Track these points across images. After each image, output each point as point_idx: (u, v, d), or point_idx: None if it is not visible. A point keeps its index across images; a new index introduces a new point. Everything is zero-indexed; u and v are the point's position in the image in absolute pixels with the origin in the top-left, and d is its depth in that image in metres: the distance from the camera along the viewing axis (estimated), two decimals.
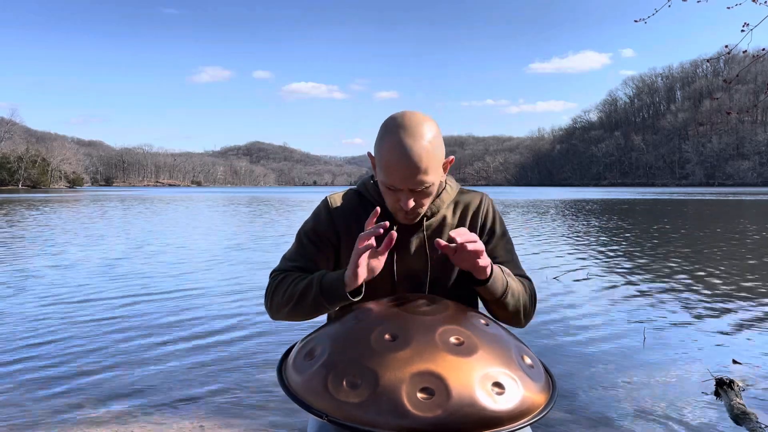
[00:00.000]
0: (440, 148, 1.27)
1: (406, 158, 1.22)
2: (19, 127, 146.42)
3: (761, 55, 5.77)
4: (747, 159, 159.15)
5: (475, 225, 1.43)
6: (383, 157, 1.25)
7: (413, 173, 1.23)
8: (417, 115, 1.26)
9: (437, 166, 1.27)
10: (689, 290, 6.33)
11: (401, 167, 1.23)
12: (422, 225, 1.39)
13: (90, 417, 2.86)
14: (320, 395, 0.99)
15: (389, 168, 1.25)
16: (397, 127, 1.24)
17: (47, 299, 5.80)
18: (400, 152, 1.22)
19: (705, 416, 2.87)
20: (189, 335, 4.41)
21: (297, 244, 1.44)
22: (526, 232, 14.14)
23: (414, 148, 1.21)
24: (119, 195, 55.28)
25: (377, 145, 1.28)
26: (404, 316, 1.11)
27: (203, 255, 9.56)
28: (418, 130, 1.23)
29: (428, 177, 1.25)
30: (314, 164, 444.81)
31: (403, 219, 1.35)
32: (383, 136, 1.26)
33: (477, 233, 1.41)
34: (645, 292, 6.22)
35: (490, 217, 1.45)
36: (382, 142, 1.26)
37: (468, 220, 1.43)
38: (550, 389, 1.08)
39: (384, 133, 1.26)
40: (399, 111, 1.30)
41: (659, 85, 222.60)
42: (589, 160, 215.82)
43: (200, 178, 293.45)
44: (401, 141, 1.22)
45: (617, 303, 5.67)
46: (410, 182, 1.25)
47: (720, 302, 5.67)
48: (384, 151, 1.25)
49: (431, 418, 0.92)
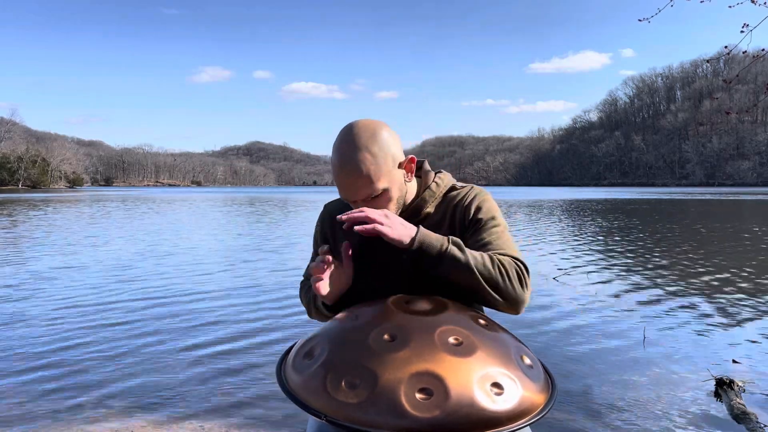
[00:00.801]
0: (386, 154, 1.24)
1: (346, 172, 1.22)
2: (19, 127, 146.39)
3: (762, 55, 5.77)
4: (747, 159, 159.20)
5: (460, 217, 1.36)
6: (332, 172, 1.27)
7: (356, 186, 1.22)
8: (358, 123, 1.25)
9: (387, 171, 1.24)
10: (689, 290, 6.33)
11: (344, 181, 1.23)
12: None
13: (90, 417, 2.86)
14: (319, 395, 0.99)
15: (336, 183, 1.26)
16: (338, 141, 1.24)
17: (48, 299, 5.80)
18: (338, 168, 1.23)
19: (705, 416, 2.87)
20: (189, 335, 4.41)
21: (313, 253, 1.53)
22: (527, 231, 14.14)
23: (352, 159, 1.21)
24: (121, 195, 55.37)
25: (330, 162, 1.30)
26: (403, 316, 1.11)
27: (204, 255, 9.57)
28: (355, 141, 1.21)
29: (375, 185, 1.23)
30: (314, 164, 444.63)
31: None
32: (331, 153, 1.27)
33: (462, 224, 1.35)
34: (645, 292, 6.22)
35: (474, 206, 1.36)
36: (330, 159, 1.28)
37: (455, 214, 1.37)
38: (549, 389, 1.08)
39: (332, 150, 1.27)
40: (350, 122, 1.29)
41: (659, 85, 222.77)
42: (589, 160, 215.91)
43: (200, 178, 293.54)
44: (341, 154, 1.22)
45: (617, 303, 5.67)
46: (356, 194, 1.24)
47: (720, 302, 5.67)
48: (331, 166, 1.26)
49: (430, 418, 0.92)
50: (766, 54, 5.91)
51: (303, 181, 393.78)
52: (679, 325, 4.74)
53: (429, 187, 1.39)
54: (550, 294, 6.07)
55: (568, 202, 37.65)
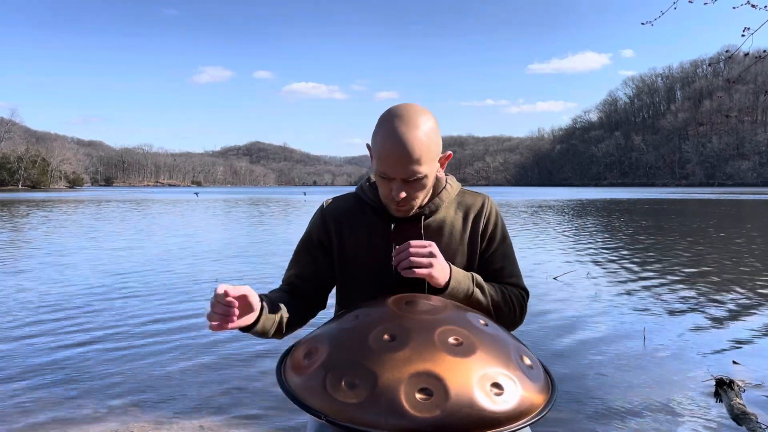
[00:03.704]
0: (436, 140, 1.26)
1: (399, 146, 1.21)
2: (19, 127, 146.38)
3: (763, 56, 5.76)
4: (747, 159, 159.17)
5: (477, 229, 1.41)
6: (377, 145, 1.26)
7: (405, 161, 1.22)
8: (414, 107, 1.26)
9: (432, 158, 1.26)
10: (690, 290, 6.33)
11: (393, 155, 1.22)
12: (419, 225, 1.38)
13: (90, 417, 2.86)
14: (319, 395, 0.99)
15: (382, 155, 1.24)
16: (393, 117, 1.24)
17: (48, 299, 5.80)
18: (393, 140, 1.22)
19: (705, 416, 2.87)
20: (188, 335, 4.41)
21: (294, 252, 1.49)
22: (527, 231, 14.14)
23: (407, 136, 1.21)
24: (124, 197, 55.31)
25: (373, 135, 1.28)
26: (403, 316, 1.11)
27: (204, 254, 9.56)
28: (413, 120, 1.22)
29: (421, 167, 1.24)
30: (314, 164, 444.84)
31: (395, 211, 1.34)
32: (379, 125, 1.26)
33: (477, 237, 1.41)
34: (645, 292, 6.22)
35: (492, 221, 1.43)
36: (377, 131, 1.26)
37: (470, 222, 1.41)
38: (549, 390, 1.08)
39: (380, 122, 1.26)
40: (398, 104, 1.29)
41: (659, 85, 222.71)
42: (589, 160, 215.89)
43: (200, 178, 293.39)
44: (395, 129, 1.22)
45: (617, 303, 5.67)
46: (402, 171, 1.24)
47: (721, 302, 5.67)
48: (378, 139, 1.25)
49: (430, 418, 0.92)
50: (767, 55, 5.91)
51: (303, 181, 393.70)
52: (679, 326, 4.74)
53: (445, 188, 1.41)
54: (551, 294, 6.07)
55: (568, 202, 37.64)
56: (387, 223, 1.38)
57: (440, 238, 1.38)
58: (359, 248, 1.39)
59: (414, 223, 1.37)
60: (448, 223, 1.39)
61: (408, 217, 1.36)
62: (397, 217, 1.36)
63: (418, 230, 1.37)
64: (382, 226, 1.39)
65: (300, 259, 1.46)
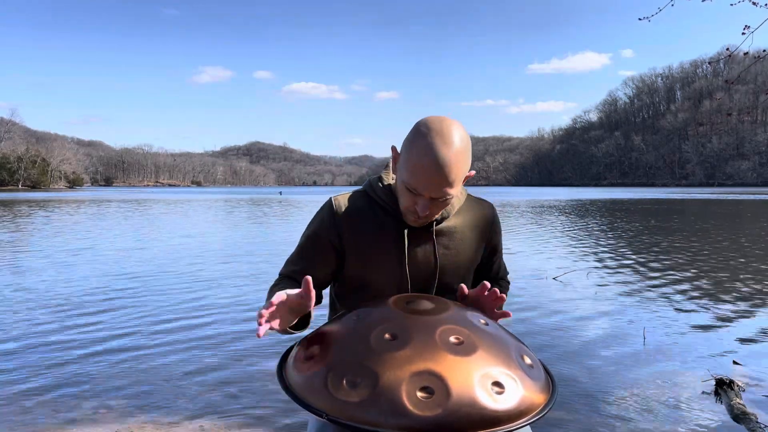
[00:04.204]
0: (468, 160, 1.25)
1: (436, 166, 1.19)
2: (19, 127, 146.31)
3: (763, 56, 5.76)
4: (747, 159, 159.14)
5: (484, 237, 1.47)
6: (412, 159, 1.22)
7: (440, 182, 1.21)
8: (455, 125, 1.22)
9: (462, 177, 1.25)
10: (690, 290, 6.33)
11: (429, 174, 1.20)
12: (431, 230, 1.37)
13: (90, 417, 2.86)
14: (320, 394, 0.99)
15: (416, 172, 1.21)
16: (432, 132, 1.20)
17: (47, 299, 5.80)
18: (430, 159, 1.19)
19: (705, 416, 2.87)
20: (189, 335, 4.41)
21: (298, 248, 1.45)
22: (527, 232, 14.14)
23: (446, 158, 1.19)
24: (124, 197, 55.29)
25: (407, 145, 1.24)
26: (404, 315, 1.11)
27: (204, 254, 9.56)
28: (452, 140, 1.19)
29: (452, 189, 1.23)
30: (314, 164, 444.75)
31: (412, 221, 1.34)
32: (416, 138, 1.22)
33: (483, 244, 1.48)
34: (645, 292, 6.22)
35: (497, 230, 1.51)
36: (413, 143, 1.22)
37: (479, 231, 1.45)
38: (549, 389, 1.09)
39: (417, 135, 1.22)
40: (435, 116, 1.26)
41: (659, 85, 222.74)
42: (589, 160, 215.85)
43: (200, 179, 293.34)
44: (434, 147, 1.19)
45: (617, 303, 5.67)
46: (434, 191, 1.22)
47: (721, 302, 5.67)
48: (414, 152, 1.21)
49: (431, 417, 0.92)
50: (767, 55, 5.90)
51: (303, 181, 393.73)
52: (679, 326, 4.74)
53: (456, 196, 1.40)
54: (550, 294, 6.07)
55: (568, 202, 37.62)
56: (398, 225, 1.37)
57: (450, 244, 1.39)
58: (371, 248, 1.38)
59: (426, 228, 1.38)
60: (458, 230, 1.41)
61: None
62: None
63: (430, 236, 1.38)
64: (393, 227, 1.38)
65: (306, 255, 1.43)
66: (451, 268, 1.40)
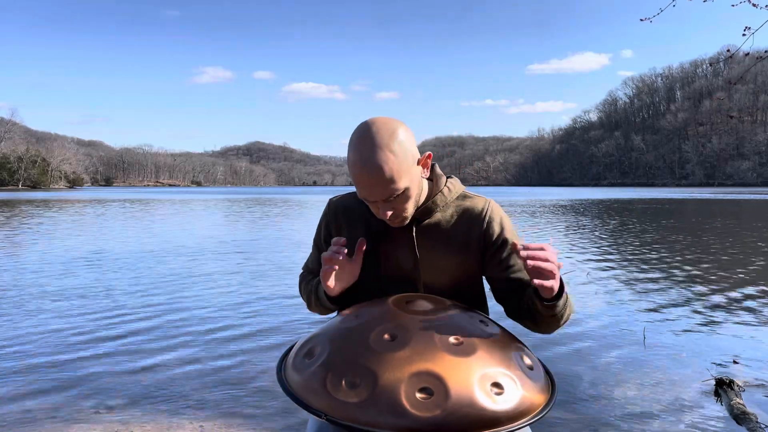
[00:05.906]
0: (406, 152, 1.22)
1: (369, 171, 1.19)
2: (19, 127, 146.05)
3: (763, 57, 5.76)
4: (747, 159, 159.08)
5: (474, 234, 1.37)
6: (350, 170, 1.24)
7: (379, 185, 1.20)
8: (378, 122, 1.22)
9: (407, 169, 1.22)
10: (690, 290, 6.33)
11: (364, 180, 1.20)
12: (412, 227, 1.36)
13: (90, 417, 2.86)
14: (319, 395, 0.99)
15: (356, 182, 1.23)
16: (358, 139, 1.21)
17: (47, 299, 5.80)
18: (361, 166, 1.19)
19: (705, 416, 2.87)
20: (188, 335, 4.41)
21: (311, 250, 1.56)
22: (527, 231, 14.14)
23: (375, 159, 1.18)
24: (125, 197, 55.29)
25: (347, 157, 1.26)
26: (403, 315, 1.11)
27: (205, 254, 9.56)
28: (377, 139, 1.19)
29: (398, 184, 1.21)
30: (314, 164, 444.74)
31: (392, 224, 1.33)
32: (348, 148, 1.23)
33: (473, 242, 1.37)
34: (645, 292, 6.22)
35: (495, 224, 1.37)
36: (348, 154, 1.23)
37: (466, 227, 1.37)
38: (549, 389, 1.08)
39: (349, 145, 1.23)
40: (366, 119, 1.26)
41: (659, 85, 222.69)
42: (589, 160, 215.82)
43: (200, 178, 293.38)
44: (362, 154, 1.19)
45: (617, 303, 5.67)
46: (378, 193, 1.22)
47: (721, 302, 5.68)
48: (349, 166, 1.23)
49: (430, 418, 0.92)
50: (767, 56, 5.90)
51: (303, 181, 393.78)
52: (679, 326, 4.74)
53: (441, 191, 1.38)
54: None
55: (568, 202, 37.65)
56: (383, 224, 1.37)
57: (433, 241, 1.36)
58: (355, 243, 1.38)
59: (407, 227, 1.36)
60: (443, 227, 1.36)
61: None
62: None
63: (410, 233, 1.36)
64: (378, 227, 1.38)
65: (314, 257, 1.54)
66: (436, 266, 1.36)
